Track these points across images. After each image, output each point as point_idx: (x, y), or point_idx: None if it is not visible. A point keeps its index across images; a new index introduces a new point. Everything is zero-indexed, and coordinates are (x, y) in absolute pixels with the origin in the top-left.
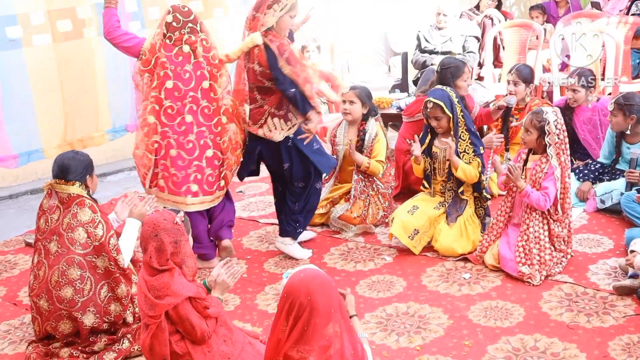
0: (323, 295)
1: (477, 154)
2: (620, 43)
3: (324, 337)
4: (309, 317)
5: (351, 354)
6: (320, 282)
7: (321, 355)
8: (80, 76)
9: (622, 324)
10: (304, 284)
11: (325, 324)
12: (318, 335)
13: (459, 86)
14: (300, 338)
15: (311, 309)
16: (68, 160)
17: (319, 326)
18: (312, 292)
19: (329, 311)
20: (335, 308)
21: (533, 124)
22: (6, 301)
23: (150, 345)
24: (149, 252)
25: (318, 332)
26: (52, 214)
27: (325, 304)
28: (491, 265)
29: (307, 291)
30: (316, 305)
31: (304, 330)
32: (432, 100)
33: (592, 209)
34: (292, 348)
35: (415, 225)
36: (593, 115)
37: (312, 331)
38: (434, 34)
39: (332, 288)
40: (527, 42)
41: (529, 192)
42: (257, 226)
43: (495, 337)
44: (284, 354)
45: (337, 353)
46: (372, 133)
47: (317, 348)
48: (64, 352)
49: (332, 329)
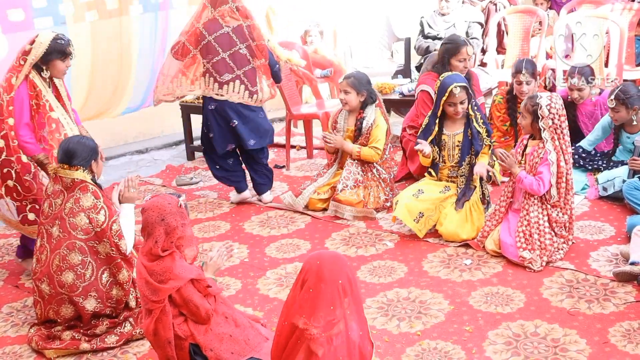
0: (332, 264)
1: (489, 132)
2: (625, 30)
3: (330, 312)
4: (315, 281)
5: (359, 335)
6: (331, 255)
7: (325, 331)
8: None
9: (623, 311)
10: (317, 254)
11: (332, 297)
12: (324, 305)
13: (453, 65)
14: (306, 304)
15: (318, 273)
16: (73, 145)
17: (324, 295)
18: (322, 259)
19: (336, 281)
20: (344, 282)
21: (527, 108)
22: (8, 284)
23: (154, 330)
24: (154, 237)
25: (324, 301)
26: (56, 198)
27: (332, 272)
28: (492, 250)
29: (318, 258)
30: (323, 271)
31: (310, 295)
32: (458, 85)
33: (594, 196)
34: (299, 317)
35: (420, 208)
36: (595, 109)
37: (317, 297)
38: (437, 19)
39: (344, 265)
40: (530, 29)
41: (522, 178)
42: (258, 210)
43: (496, 323)
44: (291, 322)
45: (341, 334)
46: (370, 120)
47: (322, 322)
48: (66, 335)
49: (339, 309)
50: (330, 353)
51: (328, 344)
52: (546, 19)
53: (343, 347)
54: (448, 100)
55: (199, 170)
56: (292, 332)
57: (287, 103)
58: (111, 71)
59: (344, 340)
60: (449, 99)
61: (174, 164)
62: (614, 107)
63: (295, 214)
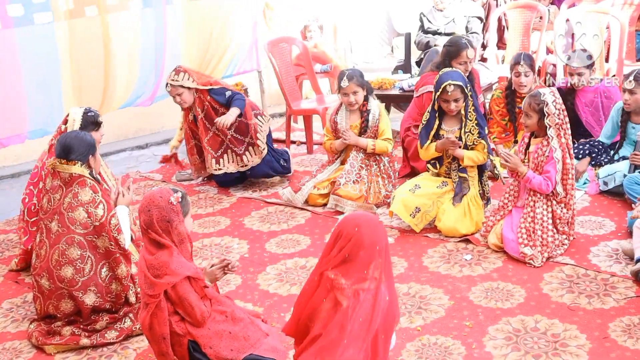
0: (370, 230)
1: (482, 135)
2: (625, 24)
3: (364, 276)
4: (352, 247)
5: (386, 300)
6: (369, 219)
7: (355, 284)
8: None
9: (623, 306)
10: (355, 218)
11: (368, 260)
12: (358, 269)
13: (453, 67)
14: (341, 265)
15: (357, 240)
16: (71, 139)
17: (361, 260)
18: (360, 225)
19: (374, 247)
20: (381, 247)
21: (532, 107)
22: (8, 279)
23: (149, 324)
24: (140, 225)
25: (359, 265)
26: (54, 193)
27: (371, 238)
28: (494, 245)
29: (356, 223)
30: (361, 237)
31: (346, 259)
32: (452, 82)
33: (594, 191)
34: (331, 271)
35: (417, 203)
36: (595, 97)
37: (354, 263)
38: (436, 15)
39: (381, 229)
40: (531, 24)
41: (531, 178)
42: (258, 206)
43: (496, 318)
44: (321, 272)
45: (369, 292)
46: (376, 113)
47: (353, 279)
48: (66, 331)
49: (372, 271)
50: (355, 307)
51: (355, 298)
52: (547, 15)
53: (368, 304)
54: (441, 96)
55: None
56: (321, 280)
57: (287, 98)
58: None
59: (371, 299)
60: (442, 95)
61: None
62: (632, 88)
63: (295, 210)
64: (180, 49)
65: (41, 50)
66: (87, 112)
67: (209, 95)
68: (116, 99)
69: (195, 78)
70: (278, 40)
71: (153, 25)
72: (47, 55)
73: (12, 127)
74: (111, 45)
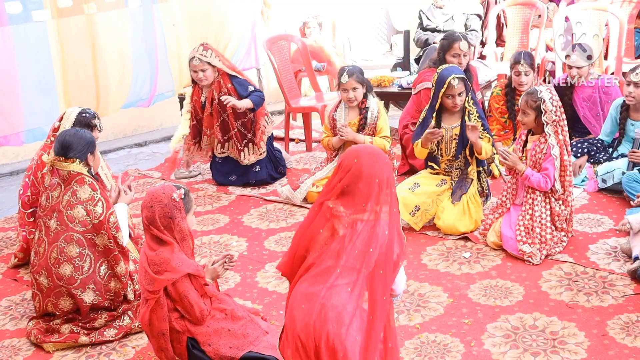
0: (370, 162)
1: (486, 127)
2: (624, 22)
3: (363, 208)
4: (351, 178)
5: (385, 234)
6: (371, 151)
7: (354, 214)
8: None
9: (621, 304)
10: (356, 149)
11: (367, 193)
12: (357, 201)
13: (448, 61)
14: (340, 197)
15: (355, 171)
16: (70, 137)
17: (359, 192)
18: (360, 157)
19: (373, 180)
20: (381, 181)
21: (529, 104)
22: (7, 277)
23: (149, 320)
24: (142, 221)
25: (357, 198)
26: (53, 191)
27: (369, 170)
28: (493, 242)
29: (356, 155)
30: (360, 169)
31: (345, 190)
32: (456, 76)
33: (593, 189)
34: (331, 201)
35: (416, 202)
36: (593, 92)
37: (352, 194)
38: (435, 12)
39: (382, 162)
40: (530, 21)
41: (529, 175)
42: (257, 204)
43: (495, 316)
44: (321, 202)
45: (367, 223)
46: (375, 111)
47: (352, 209)
48: (65, 329)
49: (371, 204)
50: (352, 237)
51: (352, 227)
52: (545, 12)
53: (365, 235)
54: (447, 92)
55: (198, 163)
56: (320, 209)
57: (285, 96)
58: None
59: (368, 230)
60: (447, 91)
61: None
62: (638, 81)
63: (294, 207)
64: (174, 49)
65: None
66: (82, 113)
67: (231, 82)
68: (111, 100)
69: (222, 59)
70: (277, 37)
71: (142, 25)
72: (42, 54)
73: (9, 126)
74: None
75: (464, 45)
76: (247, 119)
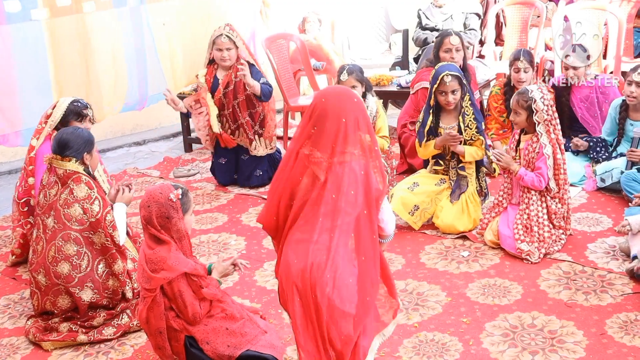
0: (336, 101)
1: (479, 130)
2: (623, 21)
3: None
4: (318, 117)
5: (361, 174)
6: (339, 91)
7: (330, 158)
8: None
9: (620, 302)
10: (325, 90)
11: (335, 132)
12: (325, 141)
13: (441, 57)
14: (312, 138)
15: (322, 110)
16: (67, 135)
17: (327, 131)
18: (327, 96)
19: (339, 119)
20: (349, 120)
21: (520, 104)
22: (6, 276)
23: (146, 318)
24: (140, 220)
25: (326, 137)
26: (50, 189)
27: (335, 109)
28: (490, 241)
29: (324, 95)
30: (326, 108)
31: (314, 131)
32: (450, 73)
33: (592, 188)
34: (305, 146)
35: (415, 201)
36: (591, 93)
37: (321, 134)
38: (434, 11)
39: (350, 102)
40: (529, 20)
41: (523, 175)
42: (256, 203)
43: (493, 315)
44: (297, 151)
45: (345, 165)
46: (373, 110)
47: (326, 151)
48: (63, 327)
49: (340, 144)
50: (332, 178)
51: (330, 171)
52: (544, 11)
53: (345, 177)
54: (439, 88)
55: (197, 162)
56: (297, 159)
57: (284, 95)
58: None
59: (348, 171)
60: (439, 87)
61: (172, 156)
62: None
63: None
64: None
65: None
66: (74, 102)
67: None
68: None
69: (245, 43)
70: (276, 36)
71: (131, 27)
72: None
73: (8, 124)
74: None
75: (455, 40)
76: (255, 111)
